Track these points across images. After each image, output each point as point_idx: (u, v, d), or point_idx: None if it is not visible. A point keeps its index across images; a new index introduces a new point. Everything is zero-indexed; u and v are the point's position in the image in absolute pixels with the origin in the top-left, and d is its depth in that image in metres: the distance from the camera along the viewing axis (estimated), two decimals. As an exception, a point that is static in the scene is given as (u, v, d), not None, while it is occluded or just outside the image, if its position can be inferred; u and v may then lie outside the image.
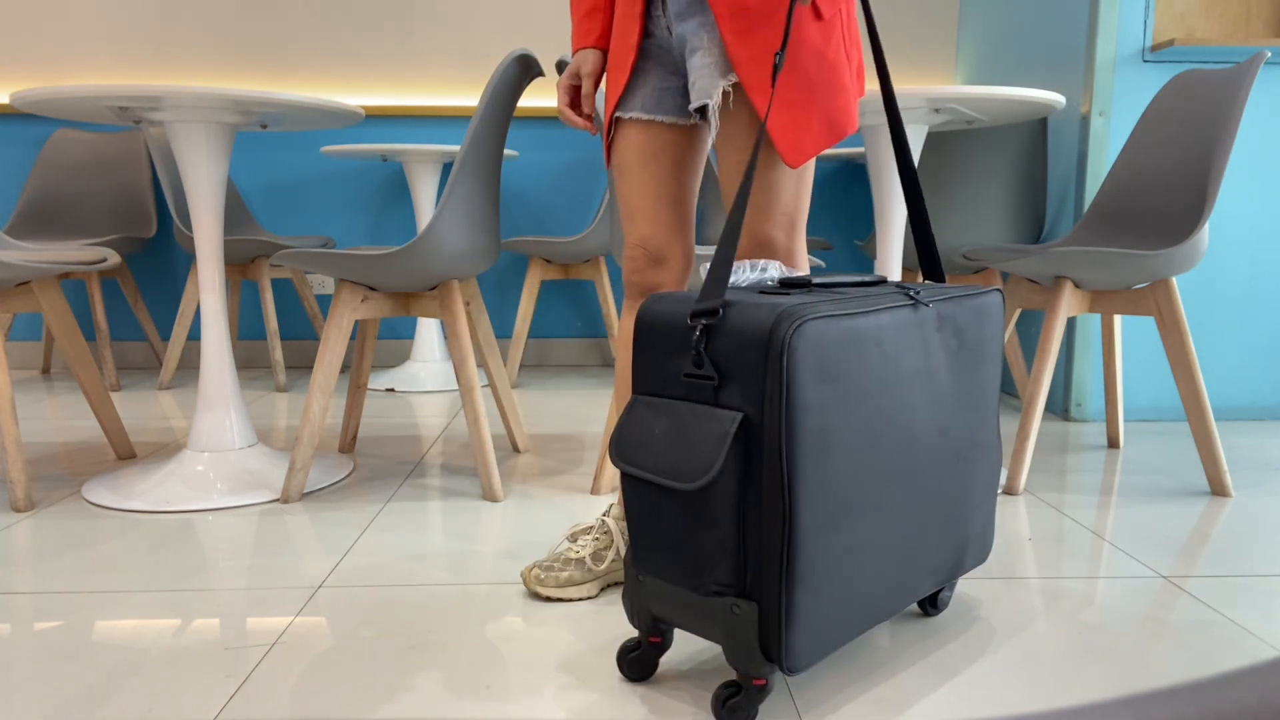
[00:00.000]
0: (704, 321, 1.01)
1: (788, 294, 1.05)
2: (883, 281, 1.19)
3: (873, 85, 3.57)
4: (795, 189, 1.41)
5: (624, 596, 1.14)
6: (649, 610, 1.11)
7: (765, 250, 1.42)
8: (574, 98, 1.51)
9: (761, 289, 1.09)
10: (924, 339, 1.12)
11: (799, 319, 0.96)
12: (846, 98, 1.38)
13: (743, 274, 1.15)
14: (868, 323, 1.03)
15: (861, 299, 1.06)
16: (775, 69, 1.23)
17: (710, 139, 1.44)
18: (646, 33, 1.44)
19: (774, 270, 1.17)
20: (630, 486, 1.08)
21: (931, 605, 1.34)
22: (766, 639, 1.00)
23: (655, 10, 1.42)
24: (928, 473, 1.14)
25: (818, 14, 1.34)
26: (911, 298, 1.12)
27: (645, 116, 1.45)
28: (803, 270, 1.45)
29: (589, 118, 1.51)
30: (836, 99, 1.37)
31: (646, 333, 1.07)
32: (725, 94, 1.38)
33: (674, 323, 1.05)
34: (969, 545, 1.27)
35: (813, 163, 1.43)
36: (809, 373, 0.96)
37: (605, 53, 1.51)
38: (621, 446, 1.07)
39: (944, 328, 1.15)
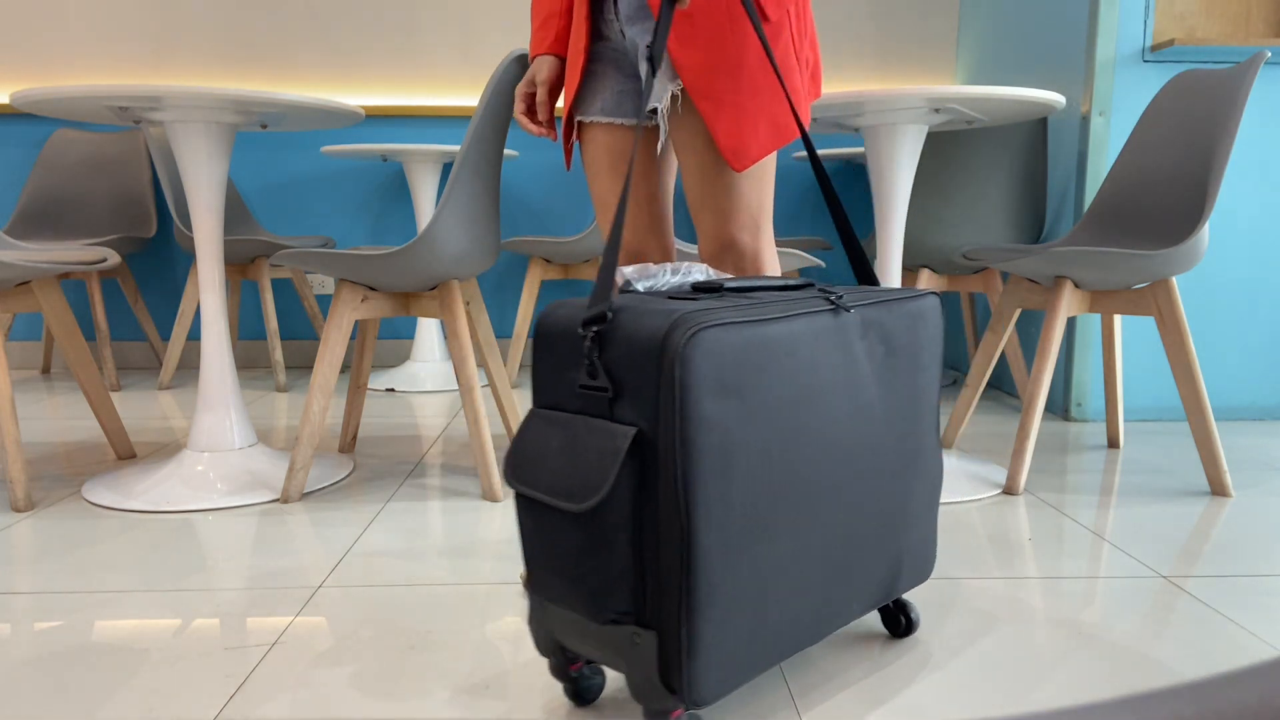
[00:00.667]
0: (594, 329, 0.93)
1: (694, 299, 0.97)
2: (809, 285, 1.12)
3: (870, 86, 3.57)
4: (757, 190, 1.41)
5: (529, 623, 1.07)
6: (554, 638, 1.03)
7: (731, 253, 1.42)
8: (531, 104, 1.52)
9: (669, 294, 1.01)
10: (846, 346, 1.05)
11: (695, 326, 0.88)
12: (794, 99, 1.38)
13: (662, 278, 1.07)
14: (777, 330, 0.96)
15: (774, 304, 0.99)
16: (653, 61, 1.19)
17: (660, 141, 1.45)
18: (601, 36, 1.46)
19: (697, 273, 1.10)
20: (523, 507, 1.00)
21: (907, 626, 1.27)
22: (668, 670, 0.93)
23: (608, 14, 1.43)
24: (853, 488, 1.07)
25: (764, 15, 1.34)
26: (832, 303, 1.05)
27: (605, 119, 1.47)
28: (771, 271, 1.46)
29: (549, 124, 1.52)
30: (782, 102, 1.36)
31: (544, 342, 1.00)
32: (674, 97, 1.39)
33: (571, 331, 0.97)
34: (904, 563, 1.19)
35: (773, 161, 1.43)
36: (707, 384, 0.89)
37: (562, 59, 1.52)
38: (516, 464, 0.99)
39: (869, 334, 1.09)
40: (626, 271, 1.05)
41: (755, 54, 1.34)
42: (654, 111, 1.45)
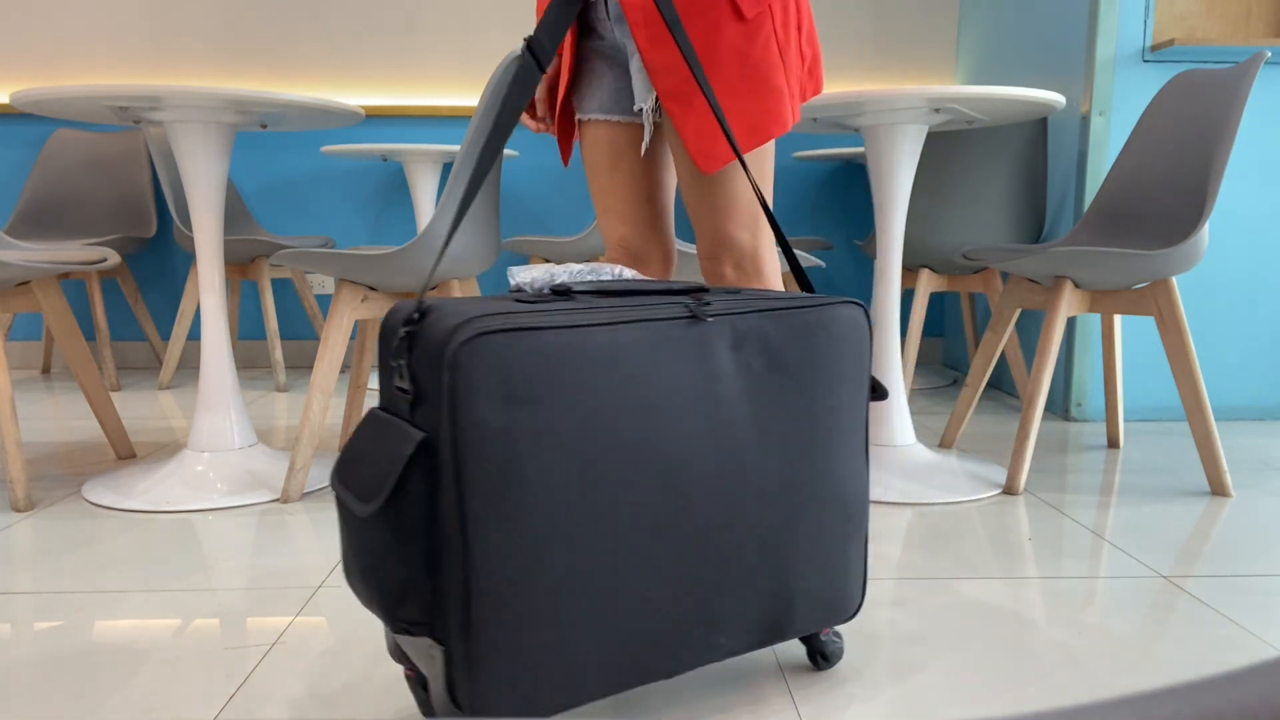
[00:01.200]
0: (405, 329, 0.89)
1: (527, 302, 0.93)
2: (691, 291, 1.01)
3: (870, 86, 3.57)
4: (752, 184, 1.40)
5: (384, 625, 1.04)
6: (396, 642, 1.00)
7: (728, 251, 1.40)
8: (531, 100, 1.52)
9: (512, 295, 0.98)
10: (703, 358, 0.96)
11: (477, 331, 0.84)
12: (774, 98, 1.35)
13: (557, 279, 1.02)
14: (593, 338, 0.89)
15: (608, 309, 0.92)
16: (533, 53, 1.13)
17: (644, 143, 1.45)
18: (597, 34, 1.46)
19: (605, 274, 1.05)
20: (340, 508, 0.96)
21: (823, 659, 1.18)
22: (454, 687, 0.88)
23: (600, 13, 1.43)
24: (706, 513, 0.98)
25: (739, 14, 1.32)
26: (690, 310, 0.96)
27: (602, 117, 1.47)
28: (771, 270, 1.44)
29: (545, 119, 1.52)
30: (761, 101, 1.34)
31: (380, 341, 0.96)
32: (659, 99, 1.39)
33: (397, 330, 0.94)
34: (797, 601, 1.07)
35: (771, 157, 1.42)
36: (489, 392, 0.85)
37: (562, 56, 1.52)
38: (340, 465, 0.94)
39: (744, 346, 0.99)
40: (517, 272, 1.02)
41: (729, 52, 1.33)
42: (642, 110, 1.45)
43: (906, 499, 1.88)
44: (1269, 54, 2.14)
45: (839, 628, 1.27)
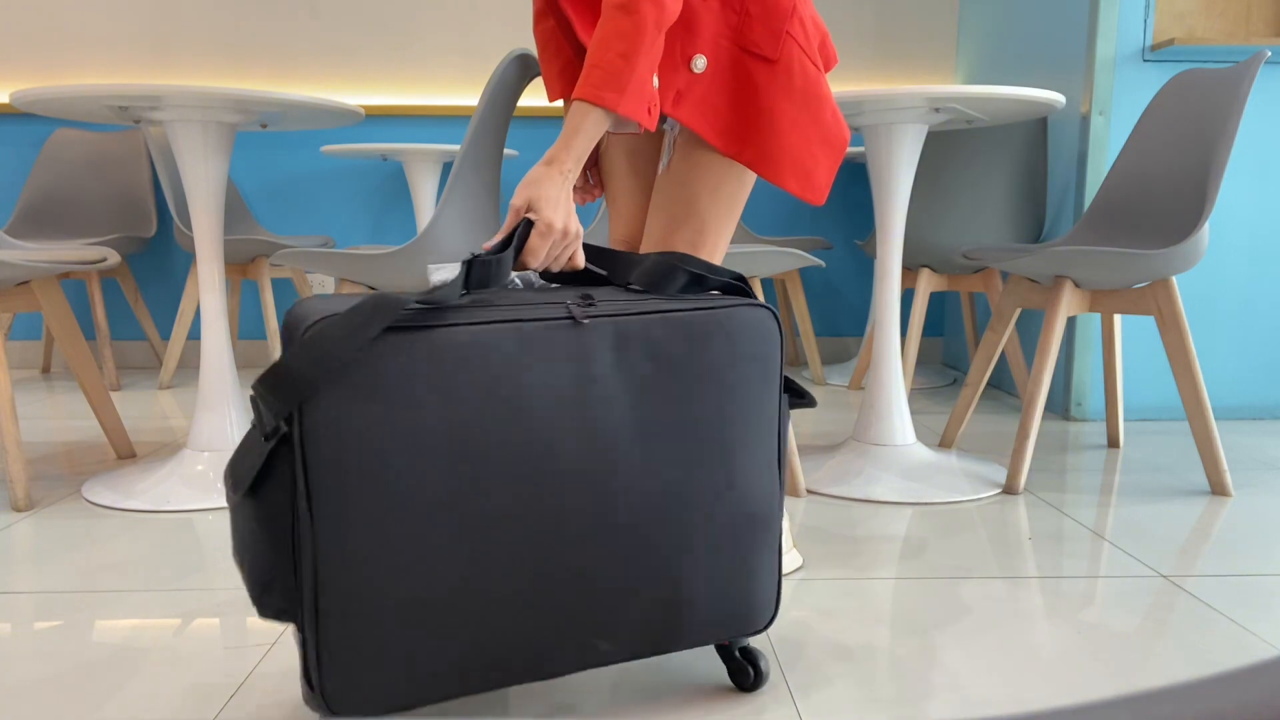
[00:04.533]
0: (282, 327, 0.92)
1: (426, 302, 0.90)
2: (588, 293, 0.99)
3: (870, 85, 3.57)
4: (714, 205, 1.34)
5: None
6: None
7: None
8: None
9: (420, 294, 0.92)
10: (580, 360, 0.93)
11: (318, 325, 0.83)
12: (830, 106, 1.35)
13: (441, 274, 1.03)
14: (455, 336, 0.88)
15: (482, 309, 0.91)
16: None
17: (663, 163, 1.42)
18: None
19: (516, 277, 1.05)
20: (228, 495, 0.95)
21: (755, 677, 1.12)
22: (309, 674, 0.88)
23: None
24: (574, 517, 0.94)
25: (765, 58, 1.29)
26: (569, 312, 0.94)
27: (618, 130, 1.46)
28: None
29: (586, 186, 1.53)
30: (822, 117, 1.33)
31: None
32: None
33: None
34: (689, 611, 1.02)
35: (746, 182, 1.36)
36: (335, 386, 0.83)
37: None
38: (234, 453, 0.92)
39: (628, 349, 0.96)
40: (434, 270, 1.04)
41: (773, 95, 1.30)
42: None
43: (906, 498, 1.88)
44: (1269, 54, 2.14)
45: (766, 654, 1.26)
